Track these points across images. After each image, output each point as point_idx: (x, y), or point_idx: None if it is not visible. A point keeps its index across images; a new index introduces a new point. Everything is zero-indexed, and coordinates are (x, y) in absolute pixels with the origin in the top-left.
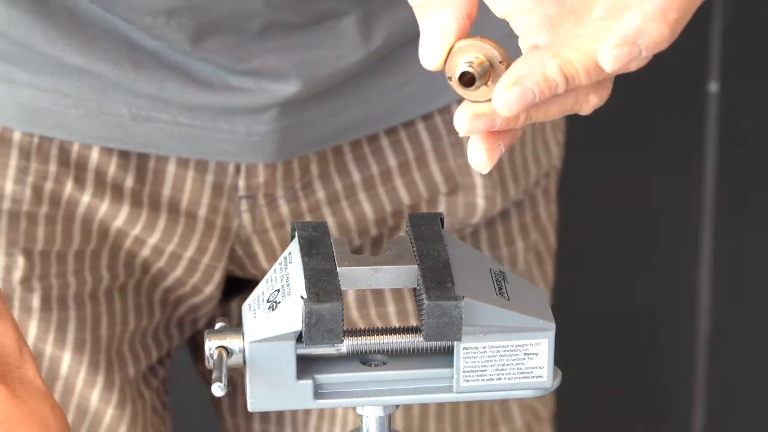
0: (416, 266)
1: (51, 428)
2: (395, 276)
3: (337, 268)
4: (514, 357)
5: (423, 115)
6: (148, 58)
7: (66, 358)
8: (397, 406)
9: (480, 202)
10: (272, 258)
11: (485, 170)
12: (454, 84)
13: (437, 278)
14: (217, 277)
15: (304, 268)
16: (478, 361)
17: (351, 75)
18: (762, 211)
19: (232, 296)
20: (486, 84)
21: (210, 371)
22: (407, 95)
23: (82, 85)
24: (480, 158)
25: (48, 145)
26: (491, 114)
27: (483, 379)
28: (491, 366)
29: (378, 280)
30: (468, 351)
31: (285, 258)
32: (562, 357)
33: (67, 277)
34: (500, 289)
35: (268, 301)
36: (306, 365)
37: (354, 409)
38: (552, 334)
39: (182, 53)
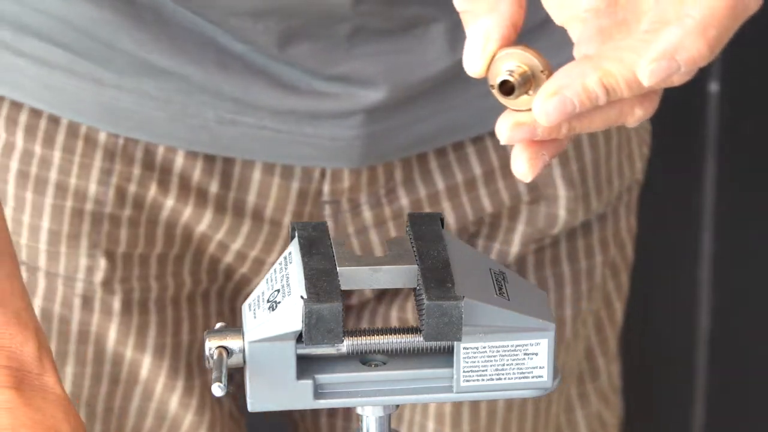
0: (416, 266)
1: None
2: (395, 276)
3: (337, 268)
4: (514, 357)
5: None
6: (235, 61)
7: (146, 363)
8: (397, 406)
9: (561, 213)
10: None
11: (527, 179)
12: (495, 92)
13: (437, 278)
14: None
15: (304, 268)
16: (478, 361)
17: (438, 82)
18: (762, 212)
19: None
20: (527, 93)
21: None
22: (494, 104)
23: (167, 87)
24: (522, 167)
25: (133, 147)
26: (532, 123)
27: (483, 379)
28: (491, 366)
29: (378, 280)
30: (468, 351)
31: (285, 258)
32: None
33: (149, 280)
34: (500, 289)
35: (268, 301)
36: (306, 365)
37: (354, 409)
38: (552, 334)
39: (269, 57)
